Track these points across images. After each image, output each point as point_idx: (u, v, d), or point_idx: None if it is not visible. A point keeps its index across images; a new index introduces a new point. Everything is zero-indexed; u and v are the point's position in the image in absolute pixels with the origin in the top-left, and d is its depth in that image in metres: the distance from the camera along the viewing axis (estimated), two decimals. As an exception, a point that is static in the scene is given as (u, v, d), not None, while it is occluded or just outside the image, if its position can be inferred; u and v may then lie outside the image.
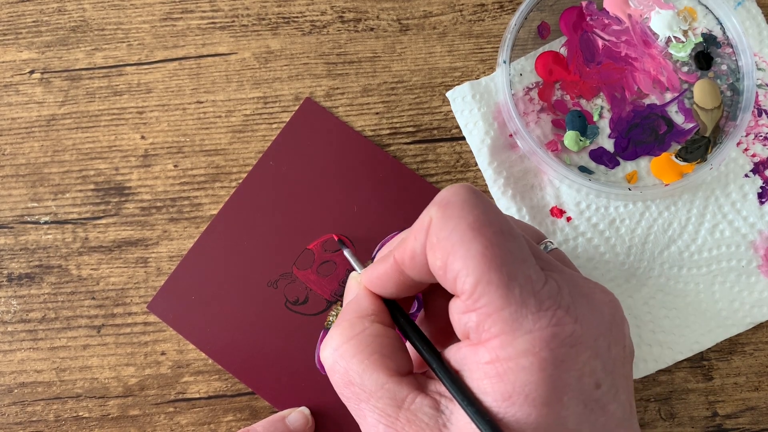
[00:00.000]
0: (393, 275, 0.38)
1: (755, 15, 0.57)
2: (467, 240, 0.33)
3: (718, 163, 0.53)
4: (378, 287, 0.40)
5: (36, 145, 0.57)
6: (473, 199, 0.35)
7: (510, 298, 0.32)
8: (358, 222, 0.55)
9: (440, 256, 0.34)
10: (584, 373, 0.33)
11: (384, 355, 0.36)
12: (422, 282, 0.38)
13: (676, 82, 0.56)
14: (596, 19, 0.57)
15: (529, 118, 0.56)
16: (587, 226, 0.54)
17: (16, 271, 0.55)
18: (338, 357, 0.37)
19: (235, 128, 0.57)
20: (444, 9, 0.58)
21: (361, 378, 0.36)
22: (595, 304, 0.35)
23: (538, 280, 0.33)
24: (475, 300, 0.33)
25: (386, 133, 0.57)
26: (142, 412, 0.54)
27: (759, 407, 0.53)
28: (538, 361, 0.32)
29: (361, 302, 0.40)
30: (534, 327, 0.32)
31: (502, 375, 0.32)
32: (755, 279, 0.54)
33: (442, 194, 0.36)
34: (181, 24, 0.59)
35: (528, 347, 0.32)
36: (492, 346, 0.32)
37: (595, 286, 0.36)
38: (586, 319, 0.33)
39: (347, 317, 0.39)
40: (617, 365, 0.35)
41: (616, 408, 0.34)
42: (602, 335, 0.34)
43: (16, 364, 0.54)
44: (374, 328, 0.38)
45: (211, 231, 0.56)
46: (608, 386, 0.34)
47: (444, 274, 0.34)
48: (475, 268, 0.32)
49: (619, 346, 0.35)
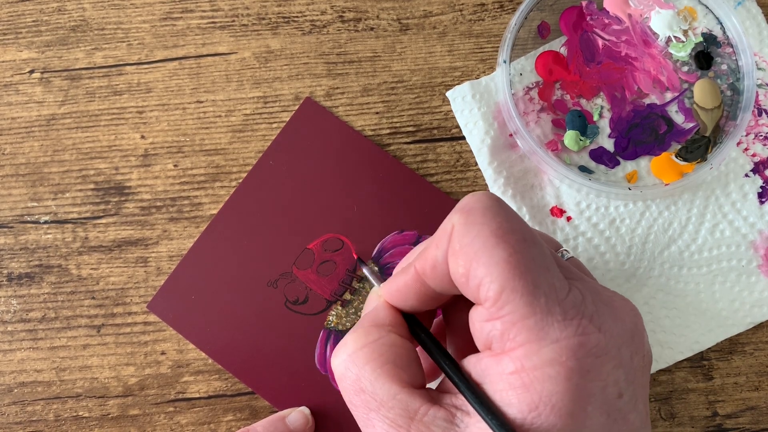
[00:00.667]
0: (414, 286, 0.38)
1: (755, 15, 0.57)
2: (491, 246, 0.33)
3: (719, 163, 0.53)
4: (398, 299, 0.39)
5: (36, 145, 0.57)
6: (496, 207, 0.34)
7: (535, 306, 0.32)
8: (358, 222, 0.55)
9: (463, 262, 0.33)
10: (608, 383, 0.32)
11: (398, 365, 0.36)
12: (444, 293, 0.37)
13: (676, 81, 0.56)
14: (596, 18, 0.57)
15: (529, 117, 0.56)
16: (587, 225, 0.54)
17: (16, 270, 0.55)
18: (350, 363, 0.36)
19: (235, 128, 0.57)
20: (444, 9, 0.58)
21: (373, 386, 0.35)
22: (618, 313, 0.35)
23: (562, 288, 0.33)
24: (499, 308, 0.32)
25: (386, 132, 0.57)
26: (142, 411, 0.54)
27: (759, 407, 0.53)
28: (565, 371, 0.31)
29: (378, 312, 0.39)
30: (560, 336, 0.31)
31: (527, 385, 0.31)
32: (755, 279, 0.54)
33: (465, 201, 0.35)
34: (181, 24, 0.59)
35: (554, 356, 0.31)
36: (517, 356, 0.32)
37: (615, 295, 0.36)
38: (609, 328, 0.33)
39: (363, 325, 0.38)
40: (638, 375, 0.34)
41: (635, 417, 0.34)
42: (625, 344, 0.34)
43: (16, 363, 0.54)
44: (390, 338, 0.37)
45: (211, 231, 0.56)
46: (629, 396, 0.33)
47: (467, 282, 0.33)
48: (499, 275, 0.32)
49: (639, 355, 0.35)
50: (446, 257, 0.35)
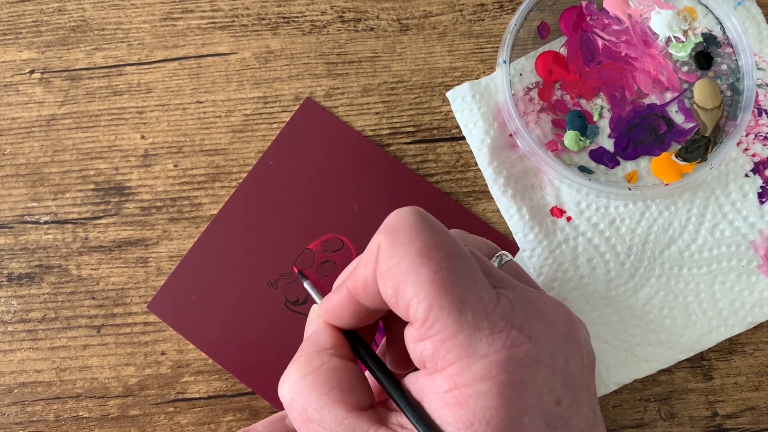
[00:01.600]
0: (348, 305, 0.37)
1: (755, 15, 0.57)
2: (416, 266, 0.32)
3: (719, 163, 0.53)
4: (335, 318, 0.39)
5: (36, 145, 0.57)
6: (420, 223, 0.34)
7: (463, 322, 0.32)
8: (358, 222, 0.55)
9: (391, 284, 0.33)
10: (544, 392, 0.32)
11: (343, 390, 0.36)
12: (378, 309, 0.37)
13: (676, 81, 0.56)
14: (596, 18, 0.57)
15: (529, 118, 0.56)
16: (587, 225, 0.54)
17: (16, 271, 0.55)
18: (296, 393, 0.36)
19: (235, 128, 0.57)
20: (444, 9, 0.58)
21: (320, 414, 0.35)
22: (549, 318, 0.34)
23: (490, 300, 0.33)
24: (428, 327, 0.32)
25: (386, 133, 0.57)
26: (142, 412, 0.54)
27: (759, 407, 0.53)
28: (496, 386, 0.31)
29: (320, 336, 0.39)
30: (489, 350, 0.31)
31: (461, 403, 0.31)
32: (756, 278, 0.54)
33: (389, 220, 0.35)
34: (181, 24, 0.59)
35: (485, 372, 0.31)
36: (449, 374, 0.32)
37: (548, 300, 0.36)
38: (540, 336, 0.33)
39: (305, 352, 0.38)
40: (576, 378, 0.34)
41: (579, 421, 0.34)
42: (558, 350, 0.33)
43: (16, 364, 0.54)
44: (333, 362, 0.37)
45: (211, 231, 0.56)
46: (569, 401, 0.33)
47: (396, 302, 0.33)
48: (426, 295, 0.32)
49: (576, 358, 0.34)
50: (375, 277, 0.34)
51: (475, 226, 0.55)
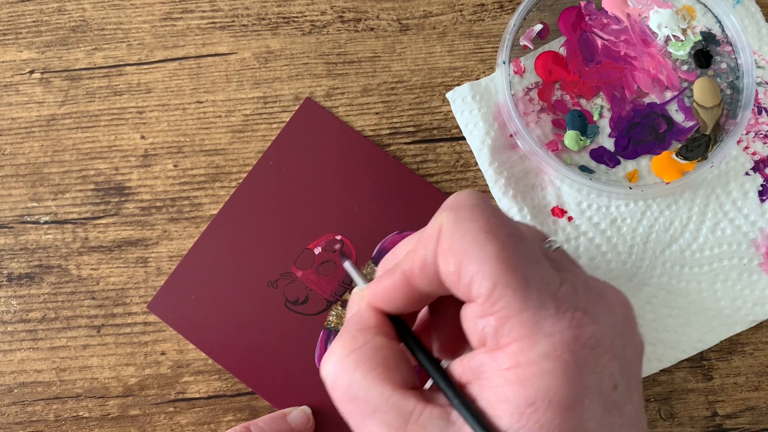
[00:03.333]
0: (401, 288, 0.37)
1: (754, 13, 0.57)
2: (481, 242, 0.32)
3: (719, 161, 0.53)
4: (384, 302, 0.38)
5: (36, 145, 0.57)
6: (483, 203, 0.34)
7: (529, 300, 0.31)
8: (358, 222, 0.55)
9: (453, 260, 0.33)
10: (604, 375, 0.32)
11: (388, 368, 0.35)
12: (431, 294, 0.37)
13: (676, 80, 0.56)
14: (595, 18, 0.57)
15: (529, 118, 0.56)
16: (589, 225, 0.54)
17: (16, 271, 0.55)
18: (340, 371, 0.36)
19: (235, 128, 0.57)
20: (444, 9, 0.59)
21: (365, 392, 0.35)
22: (609, 303, 0.34)
23: (554, 281, 0.33)
24: (492, 303, 0.32)
25: (386, 133, 0.57)
26: (142, 412, 0.54)
27: (759, 407, 0.53)
28: (561, 365, 0.31)
29: (363, 316, 0.39)
30: (554, 329, 0.31)
31: (524, 380, 0.31)
32: (757, 277, 0.54)
33: (452, 199, 0.35)
34: (181, 24, 0.59)
35: (549, 350, 0.31)
36: (512, 351, 0.32)
37: (606, 285, 0.36)
38: (603, 320, 0.33)
39: (349, 330, 0.38)
40: (632, 365, 0.34)
41: (630, 409, 0.33)
42: (619, 336, 0.33)
43: (16, 364, 0.54)
44: (377, 341, 0.37)
45: (211, 231, 0.55)
46: (624, 387, 0.33)
47: (458, 280, 0.33)
48: (491, 271, 0.32)
49: (631, 345, 0.34)
50: (436, 256, 0.34)
51: (476, 225, 0.55)
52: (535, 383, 0.31)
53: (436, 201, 0.56)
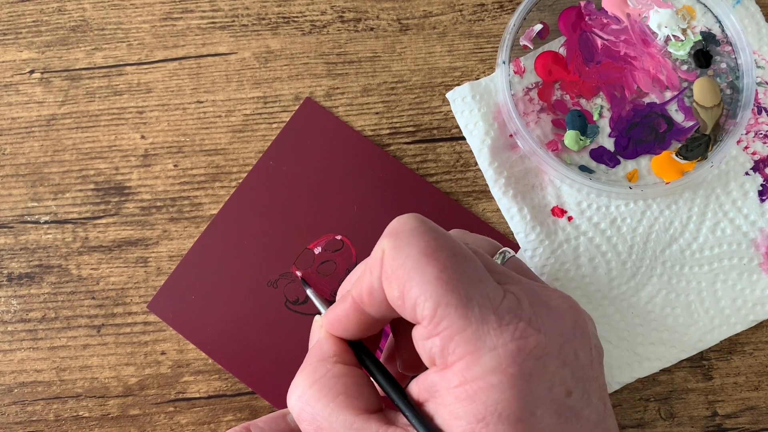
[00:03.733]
0: (353, 315, 0.38)
1: (754, 13, 0.57)
2: (422, 266, 0.33)
3: (719, 161, 0.53)
4: (340, 330, 0.39)
5: (36, 145, 0.57)
6: (422, 227, 0.35)
7: (470, 317, 0.32)
8: (358, 222, 0.55)
9: (397, 285, 0.34)
10: (554, 383, 0.32)
11: (350, 395, 0.36)
12: (383, 318, 0.37)
13: (676, 80, 0.56)
14: (595, 18, 0.57)
15: (529, 118, 0.56)
16: (589, 225, 0.54)
17: (16, 270, 0.55)
18: (304, 404, 0.37)
19: (235, 128, 0.57)
20: (444, 9, 0.59)
21: (329, 421, 0.36)
22: (556, 311, 0.35)
23: (496, 296, 0.33)
24: (436, 324, 0.32)
25: (386, 133, 0.57)
26: (142, 411, 0.53)
27: (759, 407, 0.53)
28: (507, 378, 0.31)
29: (323, 346, 0.40)
30: (498, 343, 0.32)
31: (472, 396, 0.32)
32: (757, 277, 0.54)
33: (392, 225, 0.36)
34: (181, 24, 0.59)
35: (495, 364, 0.31)
36: (459, 369, 0.32)
37: (553, 293, 0.36)
38: (548, 328, 0.33)
39: (310, 361, 0.39)
40: (586, 369, 0.34)
41: (590, 413, 0.34)
42: (567, 342, 0.34)
43: (16, 363, 0.54)
44: (336, 369, 0.38)
45: (211, 231, 0.55)
46: (580, 392, 0.33)
47: (403, 304, 0.34)
48: (432, 293, 0.32)
49: (585, 350, 0.35)
50: (380, 282, 0.35)
51: (475, 226, 0.55)
52: (483, 398, 0.32)
53: (436, 201, 0.56)
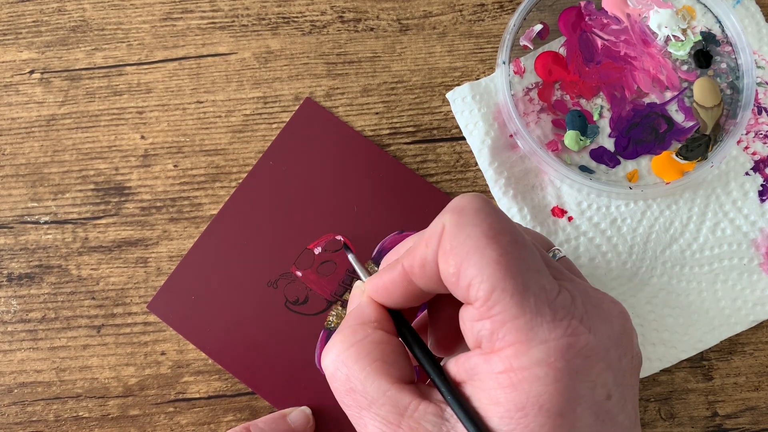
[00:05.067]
0: (400, 284, 0.38)
1: (754, 13, 0.57)
2: (482, 247, 0.33)
3: (719, 161, 0.53)
4: (383, 297, 0.39)
5: (36, 145, 0.57)
6: (487, 208, 0.35)
7: (525, 306, 0.32)
8: (358, 222, 0.55)
9: (454, 262, 0.33)
10: (597, 384, 0.32)
11: (387, 362, 0.36)
12: (430, 292, 0.37)
13: (676, 80, 0.56)
14: (595, 18, 0.57)
15: (529, 118, 0.56)
16: (589, 225, 0.54)
17: (16, 271, 0.55)
18: (340, 364, 0.36)
19: (235, 128, 0.57)
20: (444, 9, 0.59)
21: (363, 385, 0.35)
22: (606, 314, 0.35)
23: (552, 289, 0.33)
24: (489, 307, 0.32)
25: (386, 133, 0.57)
26: (142, 412, 0.53)
27: (759, 407, 0.53)
28: (554, 372, 0.31)
29: (364, 310, 0.39)
30: (549, 336, 0.32)
31: (516, 385, 0.32)
32: (757, 277, 0.54)
33: (456, 202, 0.35)
34: (181, 24, 0.59)
35: (543, 357, 0.31)
36: (506, 355, 0.32)
37: (605, 296, 0.36)
38: (598, 329, 0.33)
39: (349, 323, 0.38)
40: (626, 376, 0.34)
41: (624, 419, 0.34)
42: (614, 346, 0.34)
43: (16, 364, 0.54)
44: (377, 335, 0.37)
45: (211, 231, 0.55)
46: (618, 397, 0.33)
47: (457, 281, 0.34)
48: (490, 275, 0.32)
49: (628, 356, 0.35)
50: (436, 256, 0.35)
51: (476, 225, 0.55)
52: (526, 388, 0.31)
53: (436, 201, 0.56)
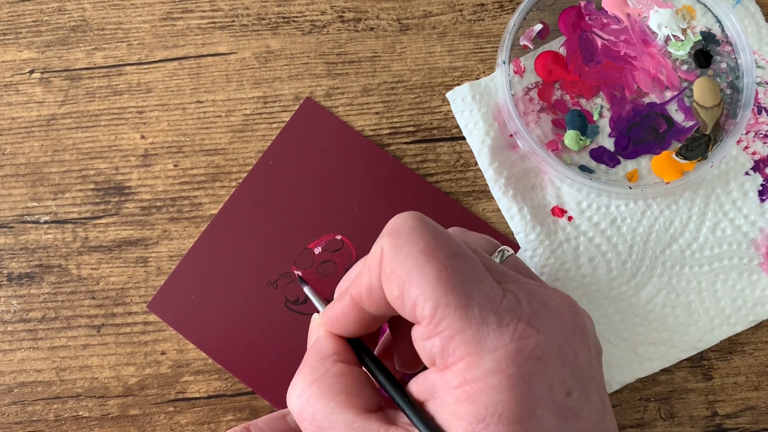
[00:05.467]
0: (352, 313, 0.38)
1: (754, 13, 0.57)
2: (421, 265, 0.33)
3: (719, 161, 0.53)
4: (339, 328, 0.39)
5: (36, 145, 0.57)
6: (422, 226, 0.35)
7: (470, 318, 0.32)
8: (358, 222, 0.55)
9: (396, 285, 0.34)
10: (554, 383, 0.32)
11: (350, 393, 0.36)
12: (382, 316, 0.37)
13: (676, 80, 0.56)
14: (595, 18, 0.57)
15: (529, 118, 0.56)
16: (589, 225, 0.54)
17: (16, 270, 0.55)
18: (304, 403, 0.36)
19: (235, 128, 0.57)
20: (444, 9, 0.59)
21: (329, 420, 0.35)
22: (555, 311, 0.35)
23: (496, 296, 0.33)
24: (435, 324, 0.32)
25: (386, 132, 0.57)
26: (142, 411, 0.53)
27: (759, 407, 0.53)
28: (507, 379, 0.31)
29: (322, 344, 0.39)
30: (498, 344, 0.32)
31: (473, 397, 0.32)
32: (757, 277, 0.54)
33: (392, 223, 0.35)
34: (181, 24, 0.59)
35: (495, 366, 0.31)
36: (459, 369, 0.32)
37: (553, 292, 0.36)
38: (548, 328, 0.33)
39: (309, 361, 0.38)
40: (585, 369, 0.34)
41: (589, 412, 0.34)
42: (566, 342, 0.34)
43: (16, 363, 0.54)
44: (337, 368, 0.37)
45: (211, 231, 0.55)
46: (579, 392, 0.33)
47: (402, 303, 0.34)
48: (432, 293, 0.32)
49: (584, 349, 0.35)
50: (380, 281, 0.35)
51: (475, 225, 0.55)
52: (483, 399, 0.31)
53: (436, 201, 0.56)
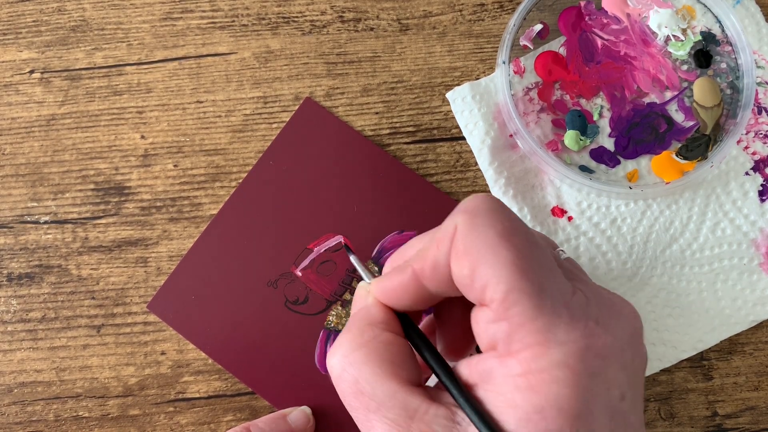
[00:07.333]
0: (410, 287, 0.37)
1: (754, 13, 0.57)
2: (496, 247, 0.32)
3: (719, 161, 0.53)
4: (392, 299, 0.38)
5: (36, 145, 0.57)
6: (500, 209, 0.34)
7: (543, 308, 0.32)
8: (358, 222, 0.55)
9: (468, 264, 0.33)
10: (612, 385, 0.32)
11: (395, 364, 0.35)
12: (440, 294, 0.37)
13: (676, 80, 0.56)
14: (595, 18, 0.57)
15: (529, 118, 0.56)
16: (589, 225, 0.54)
17: (16, 270, 0.55)
18: (347, 365, 0.36)
19: (235, 128, 0.57)
20: (444, 9, 0.59)
21: (372, 387, 0.35)
22: (619, 314, 0.35)
23: (567, 290, 0.33)
24: (506, 308, 0.32)
25: (386, 132, 0.57)
26: (142, 411, 0.53)
27: (759, 407, 0.53)
28: (573, 374, 0.31)
29: (371, 310, 0.38)
30: (568, 338, 0.31)
31: (535, 387, 0.31)
32: (757, 277, 0.54)
33: (469, 202, 0.35)
34: (181, 24, 0.59)
35: (562, 359, 0.31)
36: (524, 358, 0.32)
37: (614, 296, 0.36)
38: (614, 330, 0.33)
39: (357, 324, 0.38)
40: (637, 376, 0.34)
41: (635, 419, 0.34)
42: (628, 347, 0.34)
43: (16, 363, 0.54)
44: (385, 336, 0.37)
45: (211, 231, 0.55)
46: (630, 397, 0.33)
47: (471, 283, 0.33)
48: (506, 276, 0.32)
49: (639, 356, 0.35)
50: (448, 258, 0.34)
51: (476, 225, 0.55)
52: (545, 391, 0.31)
53: (436, 201, 0.56)
